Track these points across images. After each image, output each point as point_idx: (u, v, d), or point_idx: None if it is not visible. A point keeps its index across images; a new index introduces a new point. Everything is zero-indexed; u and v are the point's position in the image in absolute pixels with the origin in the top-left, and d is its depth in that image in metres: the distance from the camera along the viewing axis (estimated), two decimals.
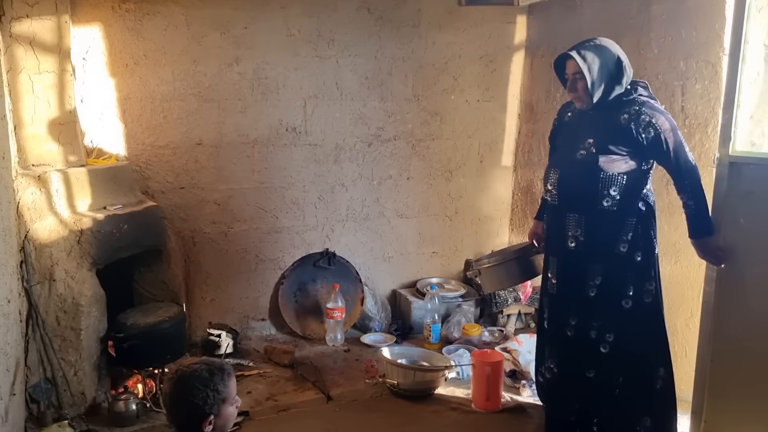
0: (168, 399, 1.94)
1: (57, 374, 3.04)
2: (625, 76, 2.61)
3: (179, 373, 1.94)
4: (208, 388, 1.89)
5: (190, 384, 1.89)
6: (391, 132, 4.35)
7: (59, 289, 3.01)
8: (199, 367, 1.93)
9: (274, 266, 4.25)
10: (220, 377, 1.93)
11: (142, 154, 3.79)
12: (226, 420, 1.98)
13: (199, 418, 1.88)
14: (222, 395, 1.92)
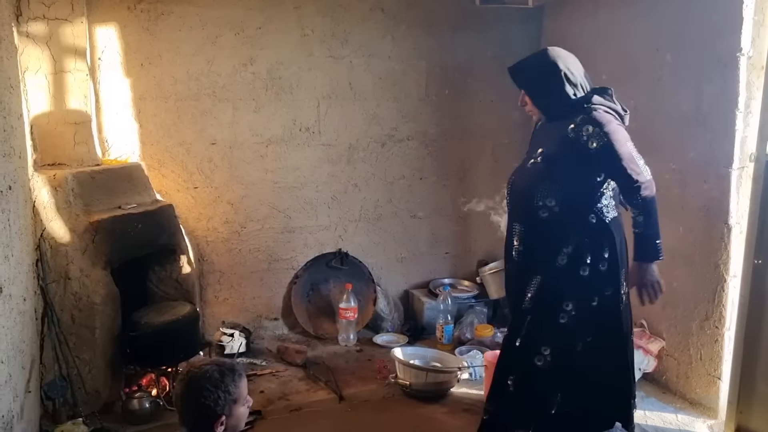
0: (179, 400, 1.94)
1: (72, 372, 3.07)
2: (570, 85, 2.51)
3: (190, 375, 1.94)
4: (219, 389, 1.89)
5: (201, 385, 1.89)
6: (405, 132, 4.34)
7: (74, 288, 3.04)
8: (210, 368, 1.93)
9: (287, 266, 4.26)
10: (231, 378, 1.93)
11: (156, 154, 3.81)
12: (238, 420, 1.98)
13: (210, 419, 1.89)
14: (233, 396, 1.92)
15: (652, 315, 3.54)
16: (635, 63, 3.61)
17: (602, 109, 2.50)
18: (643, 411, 3.24)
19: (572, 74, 2.52)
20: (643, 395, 3.39)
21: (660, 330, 3.48)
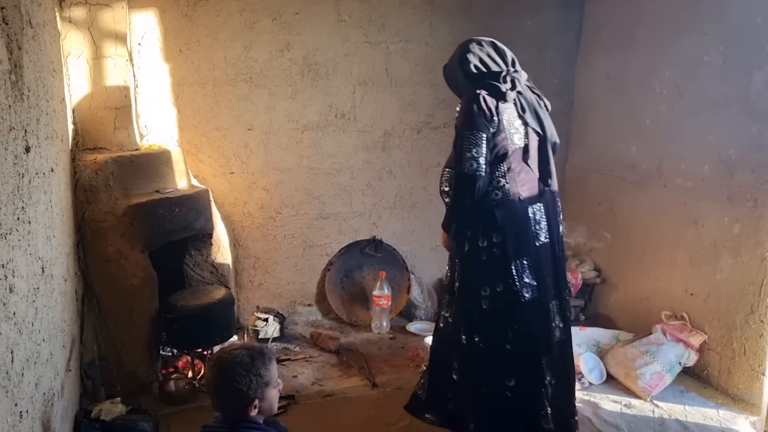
0: (212, 385, 1.96)
1: (110, 353, 3.12)
2: (463, 71, 2.60)
3: (220, 360, 1.95)
4: (251, 373, 1.90)
5: (233, 370, 1.90)
6: (441, 119, 4.29)
7: (113, 270, 3.08)
8: (240, 353, 1.94)
9: (321, 252, 4.26)
10: (261, 361, 1.94)
11: (193, 139, 3.84)
12: (270, 403, 2.00)
13: (244, 402, 1.90)
14: (264, 379, 1.93)
15: (694, 308, 3.45)
16: (679, 48, 3.50)
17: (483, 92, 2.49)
18: (683, 406, 3.17)
19: (470, 63, 2.61)
20: (683, 389, 3.32)
21: (702, 323, 3.39)
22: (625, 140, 3.99)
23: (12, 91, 1.79)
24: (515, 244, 2.52)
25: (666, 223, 3.66)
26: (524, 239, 2.55)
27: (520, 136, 2.56)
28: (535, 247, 2.56)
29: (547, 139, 2.63)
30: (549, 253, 2.62)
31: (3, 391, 1.58)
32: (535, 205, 2.57)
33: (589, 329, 3.70)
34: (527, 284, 2.54)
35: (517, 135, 2.55)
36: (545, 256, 2.60)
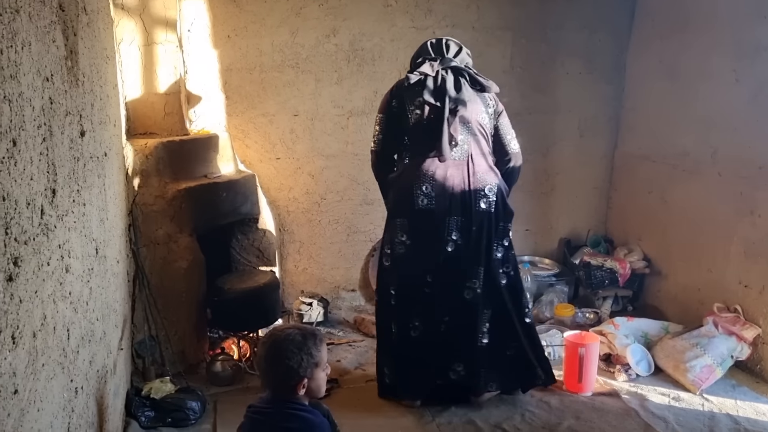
0: (263, 362, 1.99)
1: (160, 333, 3.20)
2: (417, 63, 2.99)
3: (274, 338, 1.98)
4: (303, 352, 1.93)
5: (285, 347, 1.93)
6: None
7: (163, 253, 3.16)
8: (293, 332, 1.98)
9: (365, 238, 4.27)
10: (312, 342, 1.97)
11: (240, 124, 3.89)
12: (318, 384, 2.02)
13: (293, 381, 1.93)
14: (315, 359, 1.96)
15: (748, 300, 3.34)
16: (738, 32, 3.37)
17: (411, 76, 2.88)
18: (735, 400, 3.08)
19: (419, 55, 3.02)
20: (735, 384, 3.23)
21: (756, 316, 3.28)
22: (678, 127, 3.87)
23: (68, 76, 1.83)
24: (395, 205, 2.95)
25: (720, 213, 3.55)
26: (404, 203, 2.87)
27: (419, 114, 2.86)
28: (413, 210, 2.84)
29: (443, 111, 2.80)
30: (437, 217, 2.83)
31: (60, 368, 1.64)
32: (424, 173, 2.82)
33: (637, 320, 3.63)
34: (401, 242, 2.90)
35: (417, 112, 2.87)
36: (428, 218, 2.83)
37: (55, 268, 1.61)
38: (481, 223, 2.85)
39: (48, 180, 1.57)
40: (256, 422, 2.02)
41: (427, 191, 2.82)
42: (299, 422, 1.93)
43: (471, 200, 2.83)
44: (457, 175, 2.83)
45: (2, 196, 1.22)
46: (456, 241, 2.86)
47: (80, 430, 1.87)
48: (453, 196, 2.82)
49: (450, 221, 2.84)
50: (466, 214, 2.84)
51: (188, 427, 2.85)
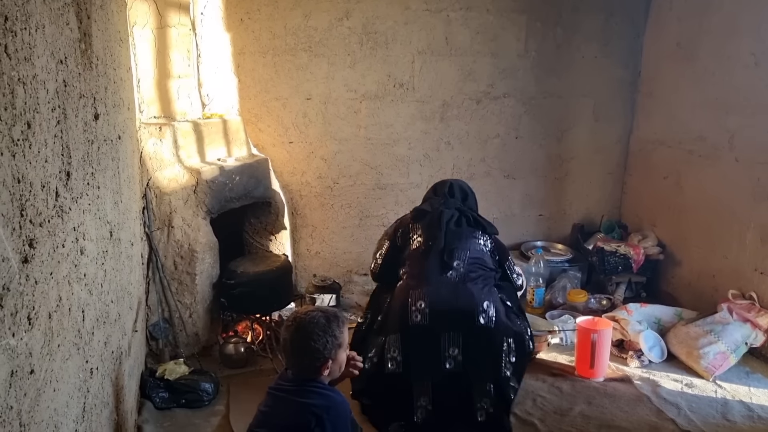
0: (290, 345, 2.03)
1: (174, 315, 3.23)
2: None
3: (298, 321, 2.03)
4: (327, 334, 1.99)
5: (311, 330, 1.98)
6: (501, 89, 4.21)
7: (177, 236, 3.17)
8: (317, 315, 2.03)
9: (378, 223, 4.27)
10: (336, 323, 2.03)
11: (253, 108, 3.88)
12: (340, 365, 2.08)
13: (318, 362, 1.99)
14: (338, 340, 2.02)
15: (763, 287, 3.31)
16: (758, 15, 3.31)
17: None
18: (748, 387, 3.07)
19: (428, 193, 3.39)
20: (749, 371, 3.21)
21: None
22: (695, 111, 3.82)
23: (82, 59, 1.84)
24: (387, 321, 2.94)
25: (736, 199, 3.51)
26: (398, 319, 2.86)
27: (420, 242, 3.06)
28: (407, 326, 2.81)
29: (431, 250, 2.98)
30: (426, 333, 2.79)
31: (75, 349, 1.66)
32: (416, 291, 2.86)
33: (651, 306, 3.61)
34: (392, 357, 2.82)
35: (418, 240, 3.07)
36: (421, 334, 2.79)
37: (70, 250, 1.63)
38: (480, 339, 2.79)
39: (62, 162, 1.57)
40: (277, 399, 2.05)
41: (422, 308, 2.82)
42: (322, 399, 1.98)
43: (470, 316, 2.80)
44: (452, 295, 2.84)
45: (17, 178, 1.22)
46: (456, 356, 2.78)
47: (96, 410, 1.89)
48: (449, 314, 2.80)
49: (448, 337, 2.79)
50: (466, 330, 2.79)
51: (202, 409, 2.89)
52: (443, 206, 3.14)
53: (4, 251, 1.14)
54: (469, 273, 2.92)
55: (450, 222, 3.06)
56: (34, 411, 1.30)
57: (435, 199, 3.23)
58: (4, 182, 1.15)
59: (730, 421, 2.80)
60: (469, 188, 3.34)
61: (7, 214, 1.16)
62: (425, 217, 3.13)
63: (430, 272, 2.92)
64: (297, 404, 1.99)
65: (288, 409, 2.01)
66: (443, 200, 3.20)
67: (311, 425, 1.90)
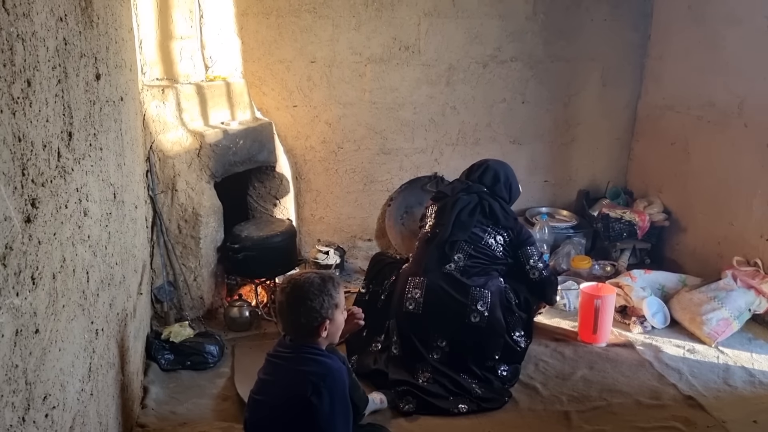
0: (285, 306, 2.03)
1: (179, 278, 3.25)
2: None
3: (294, 282, 2.03)
4: (323, 294, 1.99)
5: (307, 290, 1.98)
6: (509, 53, 4.14)
7: (181, 199, 3.17)
8: (312, 276, 2.04)
9: (382, 188, 4.26)
10: (331, 284, 2.03)
11: (257, 71, 3.84)
12: (338, 327, 2.09)
13: (316, 322, 1.99)
14: (335, 300, 2.02)
15: None
16: None
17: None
18: (750, 353, 3.08)
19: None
20: (752, 337, 3.22)
21: None
22: (705, 76, 3.76)
23: (82, 17, 1.80)
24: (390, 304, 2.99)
25: (744, 165, 3.48)
26: (395, 304, 2.93)
27: (427, 229, 3.08)
28: (402, 313, 2.87)
29: (436, 238, 2.97)
30: (417, 322, 2.84)
31: (80, 309, 1.66)
32: (415, 279, 2.90)
33: (655, 273, 3.61)
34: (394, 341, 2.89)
35: (428, 225, 3.09)
36: (413, 323, 2.84)
37: (73, 212, 1.62)
38: (469, 336, 2.82)
39: (64, 123, 1.56)
40: (275, 366, 2.06)
41: (416, 297, 2.85)
42: (317, 366, 1.97)
43: (461, 313, 2.81)
44: (448, 289, 2.84)
45: (18, 136, 1.21)
46: (443, 348, 2.82)
47: (102, 370, 1.91)
48: (441, 308, 2.83)
49: (436, 330, 2.83)
50: (456, 326, 2.82)
51: (207, 371, 2.92)
52: (463, 192, 3.05)
53: (6, 210, 1.13)
54: (471, 267, 2.91)
55: (463, 211, 2.98)
56: (40, 370, 1.31)
57: (459, 183, 3.16)
58: (5, 140, 1.14)
59: (731, 386, 2.82)
60: (504, 173, 3.16)
61: (8, 172, 1.15)
62: (442, 200, 3.09)
63: (429, 261, 2.93)
64: (294, 372, 2.00)
65: (285, 378, 2.03)
66: (466, 185, 3.10)
67: (308, 393, 1.90)
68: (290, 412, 1.95)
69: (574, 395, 2.75)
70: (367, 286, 3.20)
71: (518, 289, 3.00)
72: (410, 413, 2.63)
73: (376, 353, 2.95)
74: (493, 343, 2.84)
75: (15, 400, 1.16)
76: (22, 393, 1.20)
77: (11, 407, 1.14)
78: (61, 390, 1.45)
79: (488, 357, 2.84)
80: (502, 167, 3.19)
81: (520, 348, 2.90)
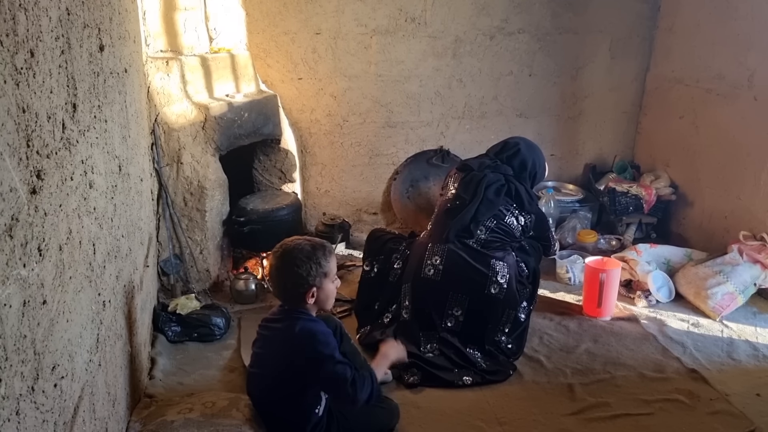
0: (275, 270, 2.07)
1: (185, 251, 3.26)
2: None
3: (284, 247, 2.06)
4: (312, 261, 2.02)
5: (295, 256, 2.02)
6: (516, 24, 4.09)
7: (186, 172, 3.16)
8: (302, 242, 2.06)
9: (388, 161, 4.24)
10: (321, 252, 2.05)
11: (262, 43, 3.80)
12: (327, 295, 2.11)
13: (302, 288, 2.02)
14: (324, 269, 2.04)
15: None
16: None
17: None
18: (755, 327, 3.09)
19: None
20: (756, 311, 3.22)
21: None
22: (714, 48, 3.71)
23: None
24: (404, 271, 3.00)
25: (753, 139, 3.45)
26: (411, 270, 2.94)
27: (448, 197, 3.06)
28: (419, 278, 2.87)
29: (459, 210, 2.94)
30: (434, 289, 2.84)
31: (87, 281, 1.67)
32: (435, 246, 2.91)
33: (660, 247, 3.61)
34: (405, 307, 2.90)
35: (449, 194, 3.07)
36: (430, 289, 2.85)
37: (79, 183, 1.62)
38: (485, 306, 2.83)
39: (68, 94, 1.55)
40: (266, 339, 2.12)
41: (436, 264, 2.86)
42: (299, 328, 2.02)
43: (481, 284, 2.82)
44: (469, 260, 2.85)
45: (22, 107, 1.20)
46: (458, 317, 2.83)
47: (109, 341, 1.93)
48: (462, 276, 2.83)
49: (454, 298, 2.83)
50: (475, 296, 2.82)
51: (213, 342, 2.94)
52: (489, 170, 3.01)
53: (11, 181, 1.13)
54: (491, 241, 2.91)
55: (489, 189, 2.94)
56: (48, 340, 1.32)
57: (487, 159, 3.11)
58: (9, 111, 1.13)
59: (735, 360, 2.83)
60: (533, 163, 3.10)
61: (13, 143, 1.15)
62: (468, 172, 3.04)
63: (450, 233, 2.90)
64: (282, 341, 2.04)
65: (274, 347, 2.08)
66: (494, 164, 3.06)
67: (296, 359, 1.97)
68: (287, 379, 2.03)
69: (578, 368, 2.77)
70: (371, 263, 3.16)
71: (527, 262, 3.01)
72: (415, 385, 2.65)
73: (385, 326, 2.96)
74: (506, 315, 2.85)
75: (24, 370, 1.17)
76: (30, 363, 1.21)
77: (20, 377, 1.15)
78: (69, 360, 1.46)
79: (499, 329, 2.84)
80: (532, 155, 3.12)
81: (521, 320, 2.92)
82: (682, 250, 3.59)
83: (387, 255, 3.12)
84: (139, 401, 2.39)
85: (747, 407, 2.49)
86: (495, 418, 2.45)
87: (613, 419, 2.44)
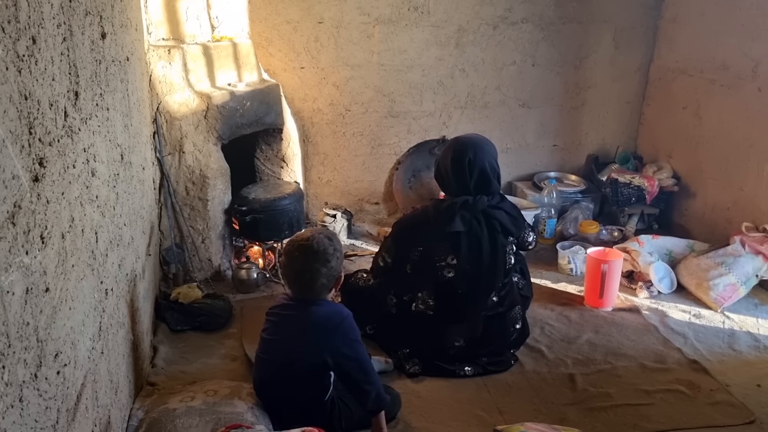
0: (302, 270, 2.10)
1: (187, 240, 3.26)
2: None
3: (305, 247, 2.09)
4: (337, 252, 2.10)
5: (323, 251, 2.06)
6: (520, 14, 4.06)
7: (188, 161, 3.16)
8: (319, 236, 2.10)
9: (390, 151, 4.23)
10: (336, 240, 2.14)
11: (264, 32, 3.79)
12: (341, 278, 2.21)
13: (334, 278, 2.11)
14: (342, 253, 2.16)
15: None
16: None
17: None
18: (756, 319, 3.09)
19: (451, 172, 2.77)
20: (758, 303, 3.22)
21: None
22: (718, 38, 3.69)
23: None
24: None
25: (756, 130, 3.43)
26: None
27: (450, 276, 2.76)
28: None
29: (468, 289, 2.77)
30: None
31: (89, 269, 1.67)
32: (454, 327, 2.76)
33: (662, 238, 3.60)
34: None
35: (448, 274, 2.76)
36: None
37: (81, 171, 1.62)
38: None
39: (70, 82, 1.55)
40: (278, 325, 2.12)
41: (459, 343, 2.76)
42: (332, 312, 2.10)
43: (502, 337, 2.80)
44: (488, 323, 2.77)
45: (24, 95, 1.20)
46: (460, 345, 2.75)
47: (112, 329, 1.93)
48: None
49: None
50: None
51: (215, 331, 2.95)
52: (474, 220, 2.66)
53: (14, 168, 1.13)
54: (501, 291, 2.78)
55: (487, 253, 2.67)
56: (51, 328, 1.32)
57: (462, 204, 2.65)
58: (11, 98, 1.13)
59: (736, 351, 2.83)
60: (490, 165, 2.72)
61: (15, 131, 1.15)
62: (460, 243, 2.67)
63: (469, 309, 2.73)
64: (306, 326, 2.05)
65: (292, 333, 2.08)
66: (470, 208, 2.65)
67: (326, 341, 2.03)
68: (305, 364, 2.06)
69: (579, 358, 2.78)
70: (397, 254, 2.84)
71: (524, 269, 3.07)
72: (416, 375, 2.66)
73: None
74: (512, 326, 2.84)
75: (27, 357, 1.18)
76: (33, 350, 1.21)
77: (23, 364, 1.16)
78: (72, 348, 1.47)
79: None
80: (485, 156, 2.71)
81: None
82: (684, 242, 3.59)
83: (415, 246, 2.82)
84: (141, 389, 2.40)
85: (747, 398, 2.50)
86: (496, 408, 2.46)
87: (613, 409, 2.45)
